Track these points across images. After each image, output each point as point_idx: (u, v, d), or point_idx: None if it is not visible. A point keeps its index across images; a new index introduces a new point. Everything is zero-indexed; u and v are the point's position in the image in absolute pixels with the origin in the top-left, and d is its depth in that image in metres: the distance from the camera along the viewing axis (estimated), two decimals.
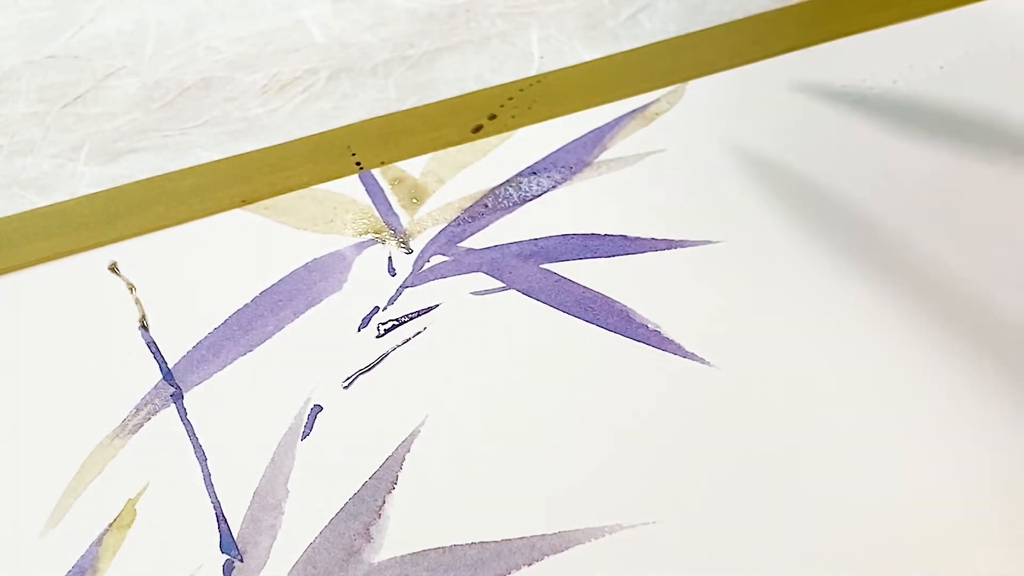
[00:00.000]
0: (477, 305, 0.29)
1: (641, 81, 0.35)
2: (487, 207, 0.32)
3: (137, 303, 0.30)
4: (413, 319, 0.29)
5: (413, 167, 0.33)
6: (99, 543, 0.25)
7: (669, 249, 0.30)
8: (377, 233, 0.31)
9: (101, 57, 0.38)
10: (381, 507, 0.25)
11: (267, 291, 0.30)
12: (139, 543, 0.25)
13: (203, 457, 0.26)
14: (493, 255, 0.30)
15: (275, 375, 0.28)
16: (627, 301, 0.29)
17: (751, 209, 0.31)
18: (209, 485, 0.26)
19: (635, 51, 0.37)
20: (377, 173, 0.33)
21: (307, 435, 0.27)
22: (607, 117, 0.34)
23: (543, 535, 0.25)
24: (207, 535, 0.25)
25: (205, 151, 0.34)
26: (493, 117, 0.34)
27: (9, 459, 0.27)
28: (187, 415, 0.27)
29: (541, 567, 0.24)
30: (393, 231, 0.31)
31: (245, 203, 0.32)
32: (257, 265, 0.30)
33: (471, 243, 0.31)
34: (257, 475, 0.26)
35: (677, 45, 0.37)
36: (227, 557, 0.25)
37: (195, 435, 0.27)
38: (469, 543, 0.25)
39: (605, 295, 0.29)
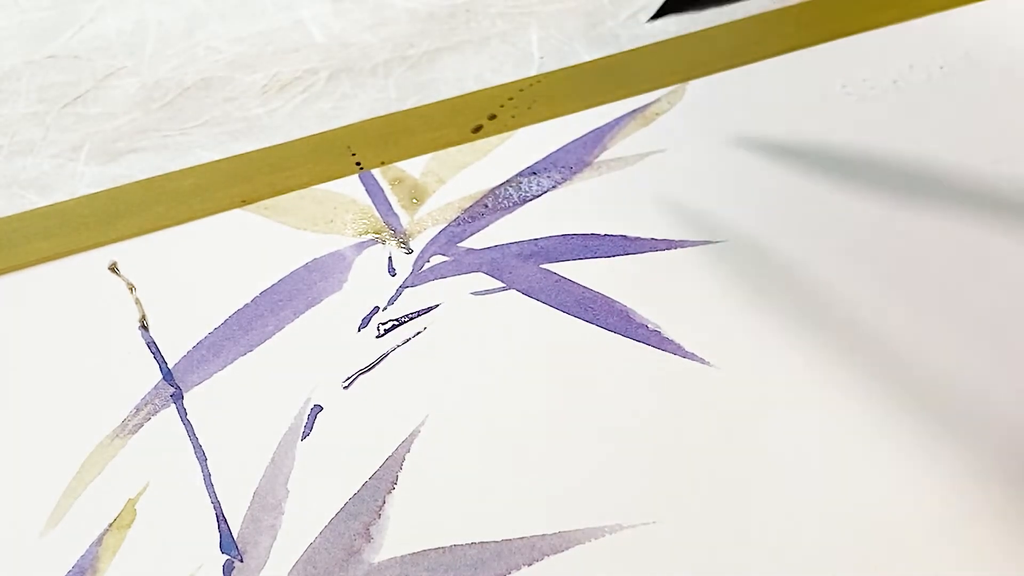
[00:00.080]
0: (477, 305, 0.29)
1: (641, 81, 0.35)
2: (487, 207, 0.32)
3: (137, 303, 0.30)
4: (413, 319, 0.29)
5: (413, 167, 0.33)
6: (99, 543, 0.25)
7: (669, 249, 0.30)
8: (377, 233, 0.31)
9: (101, 57, 0.38)
10: (381, 507, 0.25)
11: (267, 291, 0.30)
12: (139, 543, 0.25)
13: (203, 457, 0.26)
14: (493, 255, 0.30)
15: (275, 375, 0.28)
16: (627, 301, 0.29)
17: (751, 209, 0.31)
18: (209, 485, 0.26)
19: (635, 51, 0.37)
20: (377, 173, 0.33)
21: (307, 435, 0.27)
22: (607, 117, 0.34)
23: (543, 535, 0.25)
24: (207, 535, 0.25)
25: (205, 151, 0.34)
26: (493, 117, 0.34)
27: (9, 459, 0.27)
28: (187, 415, 0.27)
29: (541, 567, 0.24)
30: (393, 231, 0.31)
31: (245, 203, 0.32)
32: (257, 265, 0.30)
33: (471, 243, 0.31)
34: (257, 475, 0.26)
35: (677, 45, 0.37)
36: (227, 557, 0.25)
37: (195, 435, 0.27)
38: (469, 543, 0.25)
39: (605, 295, 0.29)
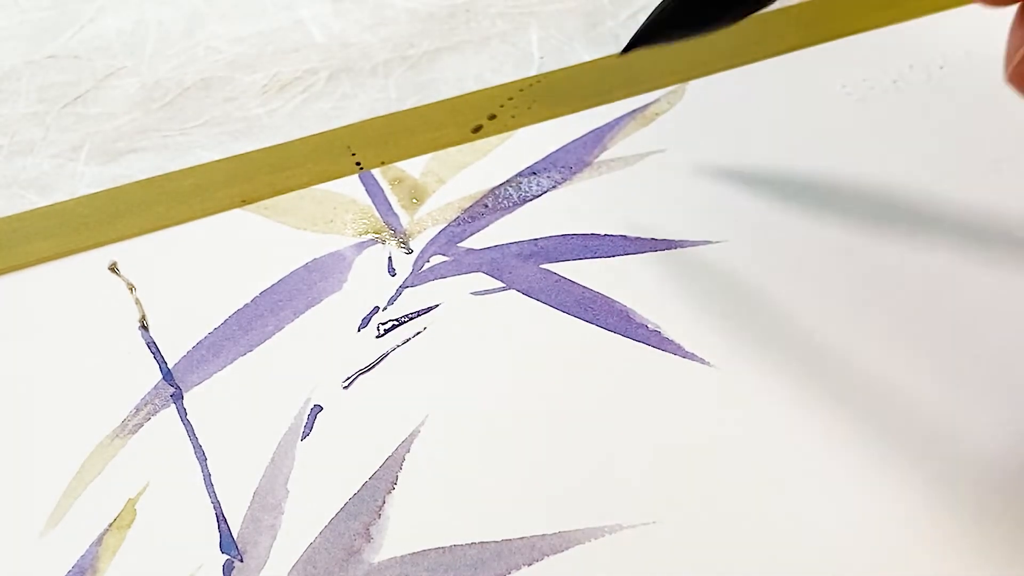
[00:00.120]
0: (477, 305, 0.29)
1: (641, 81, 0.35)
2: (487, 207, 0.32)
3: (137, 303, 0.30)
4: (413, 319, 0.29)
5: (413, 167, 0.33)
6: (99, 543, 0.25)
7: (669, 249, 0.30)
8: (377, 233, 0.31)
9: (101, 57, 0.38)
10: (381, 507, 0.25)
11: (267, 291, 0.30)
12: (139, 543, 0.25)
13: (203, 457, 0.26)
14: (493, 255, 0.30)
15: (275, 375, 0.28)
16: (627, 301, 0.29)
17: (751, 209, 0.31)
18: (209, 485, 0.26)
19: (635, 51, 0.36)
20: (377, 173, 0.33)
21: (307, 435, 0.27)
22: (607, 117, 0.34)
23: (543, 535, 0.25)
24: (207, 535, 0.25)
25: (205, 151, 0.34)
26: (493, 117, 0.34)
27: (9, 459, 0.27)
28: (187, 415, 0.27)
29: (541, 567, 0.24)
30: (393, 231, 0.31)
31: (245, 203, 0.32)
32: (257, 265, 0.30)
33: (471, 243, 0.31)
34: (257, 475, 0.26)
35: (677, 45, 0.36)
36: (227, 557, 0.25)
37: (195, 435, 0.27)
38: (469, 543, 0.25)
39: (605, 295, 0.29)
